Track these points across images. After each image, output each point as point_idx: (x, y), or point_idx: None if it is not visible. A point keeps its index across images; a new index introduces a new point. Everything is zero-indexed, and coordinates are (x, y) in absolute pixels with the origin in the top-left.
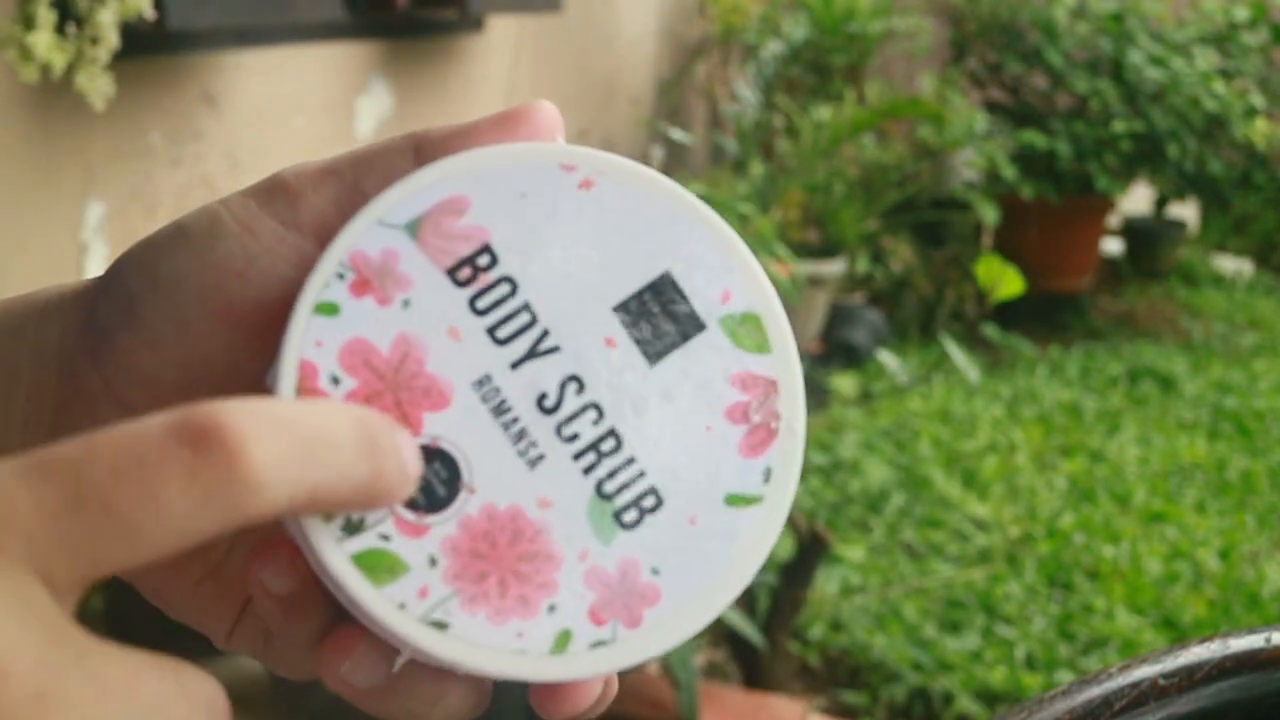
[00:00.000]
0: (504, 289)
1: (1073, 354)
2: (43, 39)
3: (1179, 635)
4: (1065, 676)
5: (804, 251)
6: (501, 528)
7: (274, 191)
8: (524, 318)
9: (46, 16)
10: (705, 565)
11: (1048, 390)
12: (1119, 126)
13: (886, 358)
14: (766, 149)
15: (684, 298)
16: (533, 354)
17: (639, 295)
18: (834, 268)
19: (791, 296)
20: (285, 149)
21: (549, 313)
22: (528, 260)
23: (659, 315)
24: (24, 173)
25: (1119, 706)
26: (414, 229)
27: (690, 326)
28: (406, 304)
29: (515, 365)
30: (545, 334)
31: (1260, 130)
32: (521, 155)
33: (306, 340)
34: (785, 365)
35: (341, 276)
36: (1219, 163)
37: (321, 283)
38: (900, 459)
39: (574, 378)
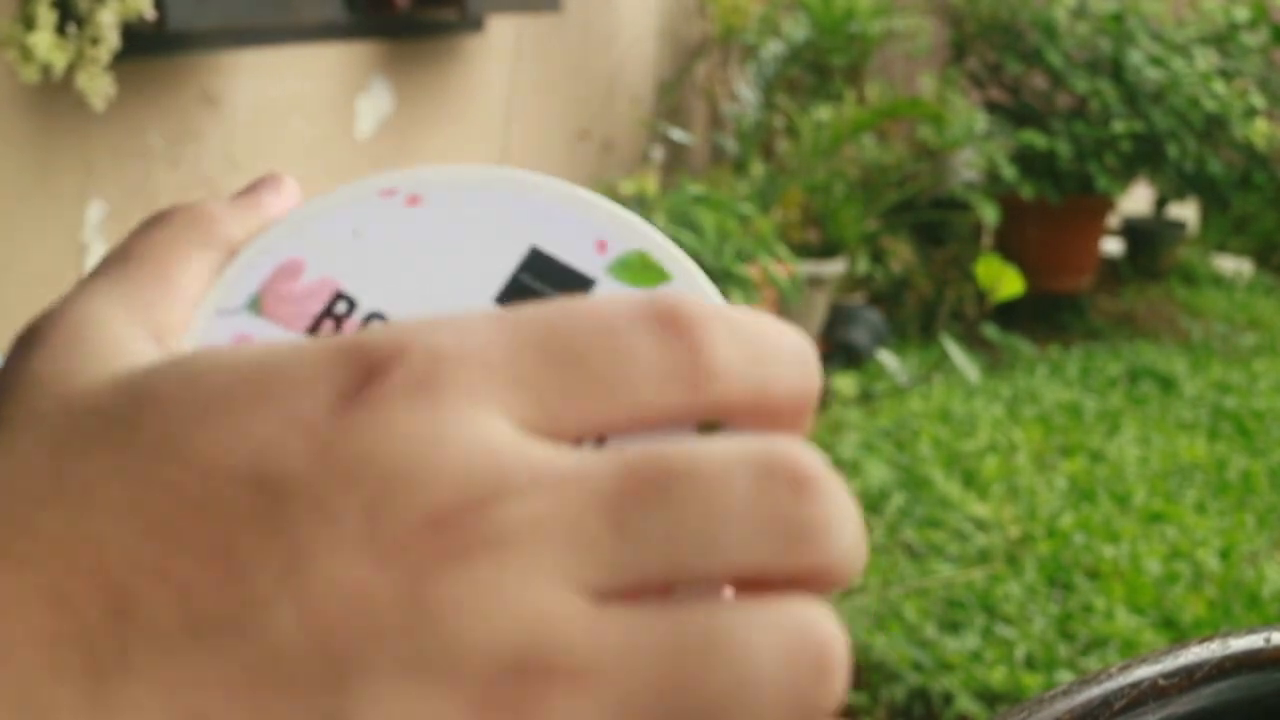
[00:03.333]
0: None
1: (1073, 354)
2: (43, 39)
3: (1179, 635)
4: (1065, 676)
5: (804, 251)
6: None
7: None
8: None
9: (47, 17)
10: None
11: (1048, 390)
12: (1119, 126)
13: (886, 358)
14: (766, 149)
15: (560, 263)
16: None
17: (515, 278)
18: (834, 268)
19: (792, 296)
20: (285, 149)
21: None
22: (386, 291)
23: (542, 288)
24: (24, 173)
25: (1119, 706)
26: (256, 305)
27: (578, 286)
28: None
29: None
30: None
31: (1260, 130)
32: (338, 197)
33: None
34: (691, 285)
35: None
36: (1219, 163)
37: None
38: (900, 459)
39: None
